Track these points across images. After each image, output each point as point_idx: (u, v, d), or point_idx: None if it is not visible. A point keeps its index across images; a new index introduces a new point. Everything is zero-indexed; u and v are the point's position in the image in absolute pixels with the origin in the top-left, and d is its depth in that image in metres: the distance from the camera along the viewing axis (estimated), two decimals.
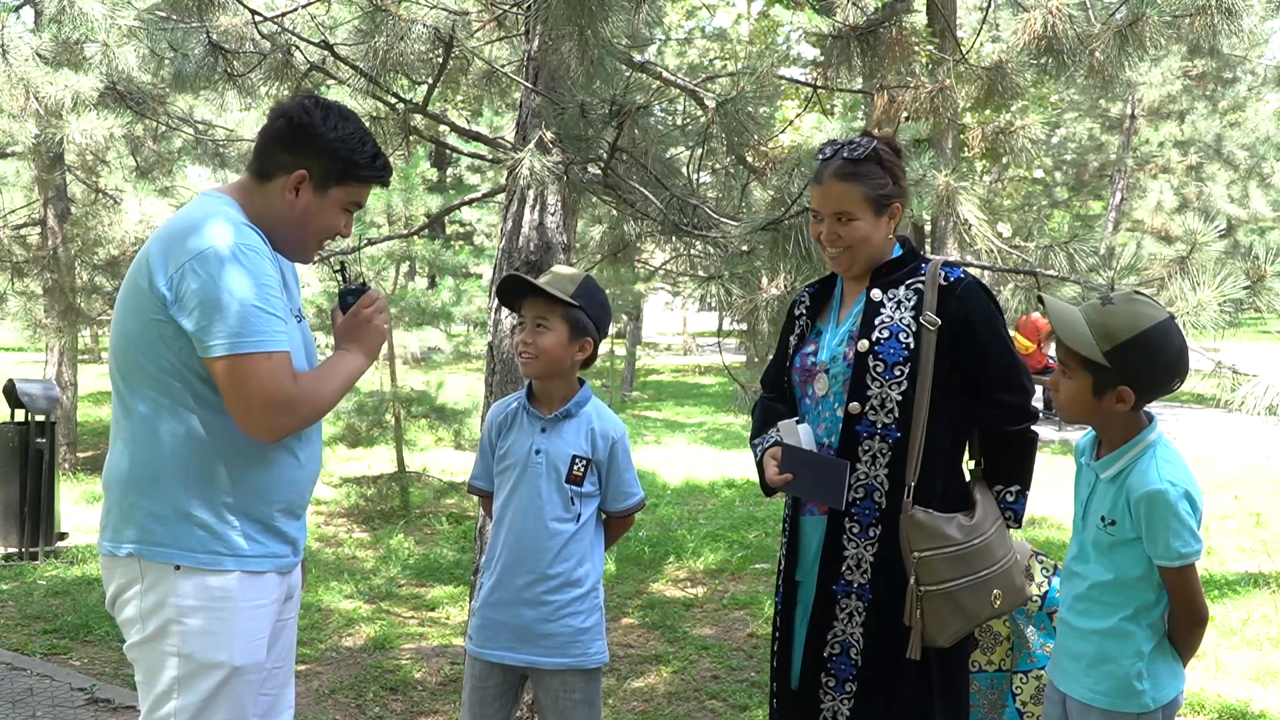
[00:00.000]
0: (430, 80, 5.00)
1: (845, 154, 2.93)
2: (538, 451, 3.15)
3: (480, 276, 13.49)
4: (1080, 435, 2.80)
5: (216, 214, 2.51)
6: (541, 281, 3.16)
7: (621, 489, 3.24)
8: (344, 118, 2.65)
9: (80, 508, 9.70)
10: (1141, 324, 2.51)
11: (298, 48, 5.06)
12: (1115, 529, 2.58)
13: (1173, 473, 2.53)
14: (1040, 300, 2.67)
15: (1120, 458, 2.60)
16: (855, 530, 2.90)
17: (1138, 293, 2.63)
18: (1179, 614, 2.58)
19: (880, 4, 5.92)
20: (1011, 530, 2.98)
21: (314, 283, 10.44)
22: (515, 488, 3.17)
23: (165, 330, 2.44)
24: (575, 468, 3.14)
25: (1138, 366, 2.52)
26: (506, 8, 5.37)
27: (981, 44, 6.41)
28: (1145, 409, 2.63)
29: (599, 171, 4.58)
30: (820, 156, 3.01)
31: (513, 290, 3.22)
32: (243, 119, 11.49)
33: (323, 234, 2.72)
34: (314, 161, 2.61)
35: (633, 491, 3.27)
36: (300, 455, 2.66)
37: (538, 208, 4.67)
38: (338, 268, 3.00)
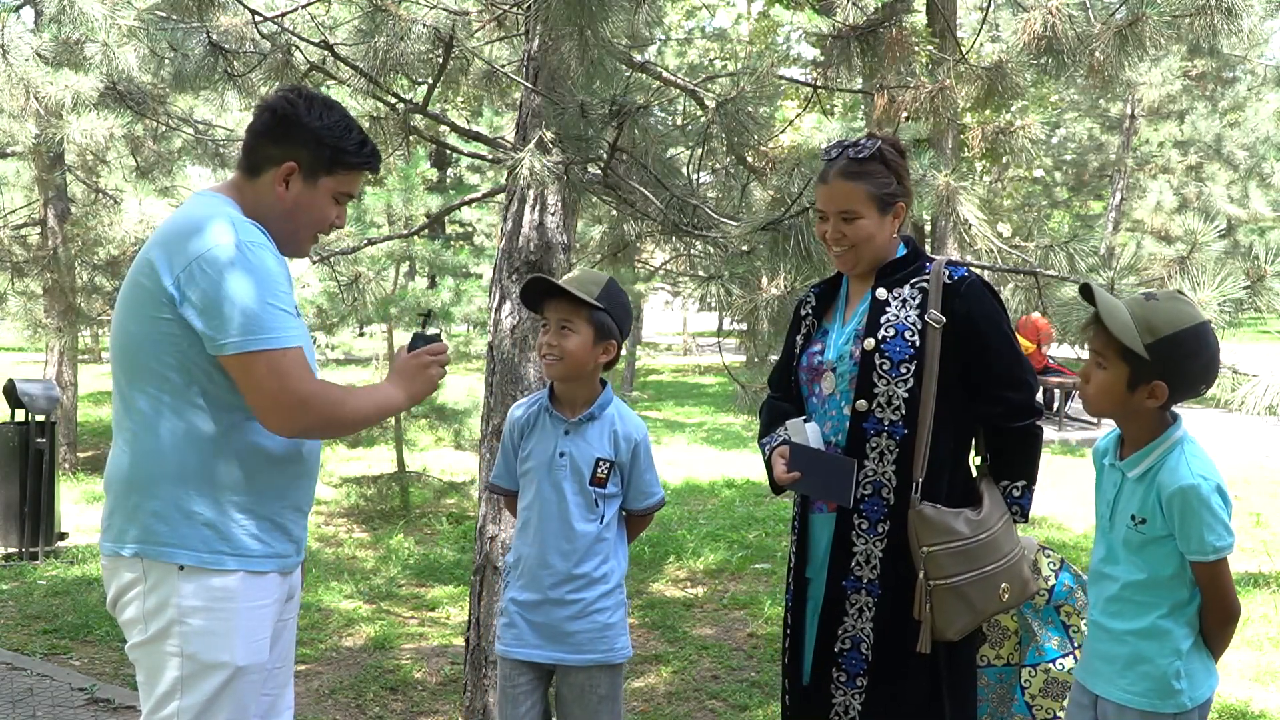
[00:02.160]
0: (430, 80, 5.00)
1: (850, 153, 2.97)
2: (562, 454, 3.16)
3: (480, 276, 13.50)
4: (1081, 435, 2.83)
5: (218, 212, 2.50)
6: (566, 283, 3.16)
7: (643, 489, 3.26)
8: (328, 107, 2.65)
9: (80, 508, 9.70)
10: (1183, 321, 2.54)
11: (298, 48, 5.05)
12: (1146, 527, 2.58)
13: (1203, 468, 2.54)
14: (1085, 291, 2.66)
15: (1148, 455, 2.62)
16: (864, 527, 2.92)
17: (1180, 293, 2.67)
18: (1212, 610, 2.58)
19: (880, 4, 5.91)
20: (1018, 525, 3.00)
21: (313, 282, 10.44)
22: (539, 490, 3.18)
23: (170, 329, 2.44)
24: (599, 470, 3.16)
25: (1175, 362, 2.53)
26: (506, 8, 5.36)
27: (981, 44, 6.41)
28: (1170, 409, 2.65)
29: (599, 171, 4.58)
30: (826, 156, 3.05)
31: (537, 292, 3.21)
32: (243, 119, 11.46)
33: (315, 225, 2.71)
34: (301, 152, 2.61)
35: (653, 491, 3.29)
36: (304, 453, 2.66)
37: (538, 208, 4.67)
38: (422, 314, 3.06)
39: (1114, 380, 2.60)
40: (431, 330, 2.90)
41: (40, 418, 7.92)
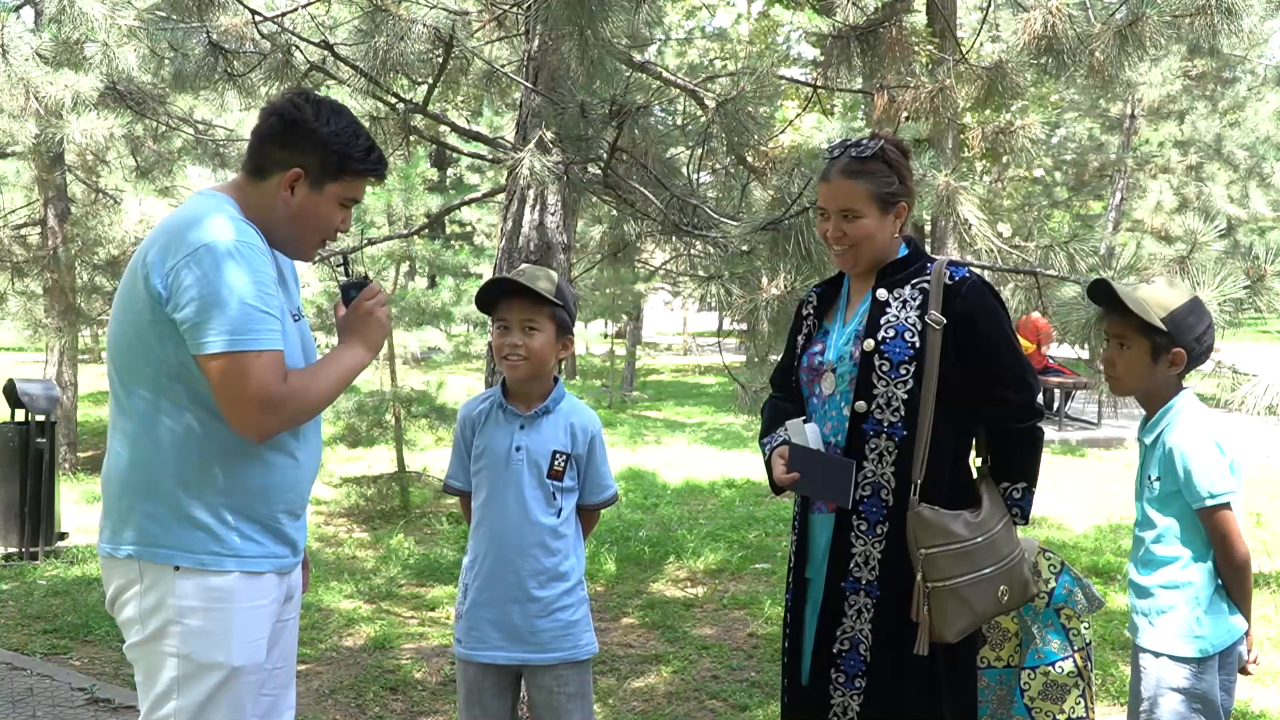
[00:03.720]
0: (430, 80, 5.00)
1: (853, 152, 2.98)
2: (518, 449, 3.15)
3: (480, 276, 13.51)
4: (1082, 435, 2.94)
5: (213, 211, 2.49)
6: (531, 282, 3.14)
7: (599, 482, 3.26)
8: (336, 112, 2.64)
9: (80, 508, 9.70)
10: (1185, 296, 2.99)
11: (298, 48, 5.05)
12: (1160, 484, 2.93)
13: (1200, 422, 2.91)
14: (1099, 287, 3.00)
15: (1159, 421, 2.98)
16: (863, 528, 2.92)
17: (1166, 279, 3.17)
18: (1220, 555, 2.89)
19: (880, 4, 5.91)
20: (1018, 527, 2.99)
21: (314, 282, 10.43)
22: (496, 486, 3.17)
23: (162, 330, 2.43)
24: (556, 463, 3.15)
25: (1187, 329, 2.93)
26: (506, 8, 5.36)
27: (981, 44, 6.41)
28: (1182, 382, 3.03)
29: (599, 171, 4.58)
30: (829, 154, 3.06)
31: (497, 292, 3.20)
32: (243, 119, 11.48)
33: (321, 231, 2.70)
34: (308, 157, 2.59)
35: (608, 484, 3.30)
36: (298, 455, 2.65)
37: (538, 207, 4.67)
38: (339, 263, 2.99)
39: (1139, 356, 2.97)
40: (358, 275, 2.86)
41: (40, 417, 7.92)
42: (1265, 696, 5.16)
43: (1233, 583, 2.92)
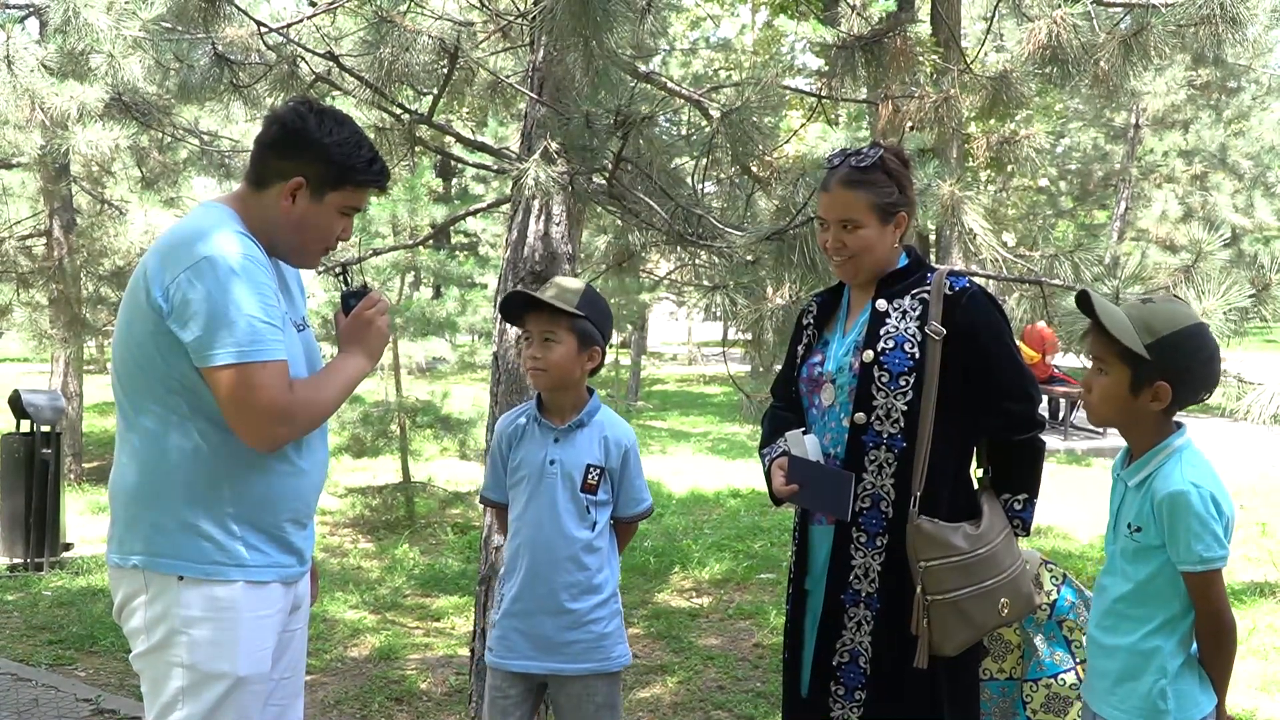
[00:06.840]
0: (435, 91, 5.01)
1: (853, 162, 2.96)
2: (552, 462, 3.16)
3: (485, 287, 13.51)
4: (1087, 444, 2.84)
5: (213, 225, 2.50)
6: (546, 295, 3.17)
7: (633, 495, 3.27)
8: (339, 122, 2.64)
9: (85, 518, 9.71)
10: (1181, 321, 2.51)
11: (303, 59, 5.06)
12: (1141, 535, 2.53)
13: (1198, 475, 2.49)
14: (1082, 299, 2.60)
15: (1147, 463, 2.57)
16: (863, 540, 2.91)
17: (1176, 296, 2.64)
18: (1203, 626, 2.51)
19: (884, 14, 5.92)
20: (1019, 539, 2.98)
21: (319, 293, 10.45)
22: (531, 499, 3.18)
23: (163, 342, 2.44)
24: (590, 476, 3.16)
25: (1176, 360, 2.49)
26: (511, 19, 5.38)
27: (986, 53, 6.42)
28: (1174, 418, 2.60)
29: (604, 182, 4.58)
30: (828, 164, 3.04)
31: (516, 305, 3.23)
32: (248, 130, 11.50)
33: (322, 240, 2.70)
34: (310, 167, 2.59)
35: (643, 498, 3.30)
36: (303, 463, 2.65)
37: (543, 218, 4.67)
38: (339, 272, 3.01)
39: (1116, 384, 2.55)
40: (357, 283, 2.88)
41: (46, 428, 7.94)
42: (1272, 706, 5.14)
43: (1216, 652, 2.53)
